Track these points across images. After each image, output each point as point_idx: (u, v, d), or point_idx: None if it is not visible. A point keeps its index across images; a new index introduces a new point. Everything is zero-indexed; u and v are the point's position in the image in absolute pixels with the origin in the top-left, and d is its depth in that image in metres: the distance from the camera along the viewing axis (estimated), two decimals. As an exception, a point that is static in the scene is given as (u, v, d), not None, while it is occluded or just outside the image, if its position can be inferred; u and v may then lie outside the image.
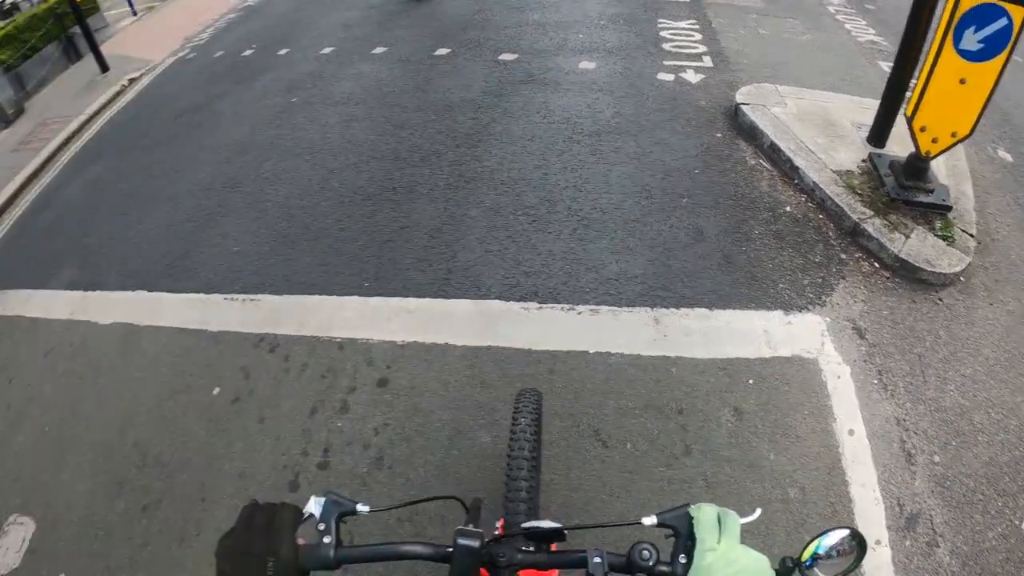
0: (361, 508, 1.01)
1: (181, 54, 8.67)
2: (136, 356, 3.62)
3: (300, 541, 0.97)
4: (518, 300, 3.03)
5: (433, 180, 3.89)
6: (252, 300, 3.48)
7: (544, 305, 2.99)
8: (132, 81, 8.36)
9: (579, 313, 2.93)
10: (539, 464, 1.68)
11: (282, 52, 6.85)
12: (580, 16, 6.04)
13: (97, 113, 7.90)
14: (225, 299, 3.58)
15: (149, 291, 4.00)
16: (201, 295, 3.70)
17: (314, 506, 1.01)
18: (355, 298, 3.22)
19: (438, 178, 3.90)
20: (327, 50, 6.40)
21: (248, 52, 7.31)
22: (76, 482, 3.19)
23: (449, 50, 5.63)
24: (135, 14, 12.65)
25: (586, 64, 5.05)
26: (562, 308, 2.96)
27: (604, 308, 2.94)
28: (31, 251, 5.58)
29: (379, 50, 5.98)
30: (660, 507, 0.96)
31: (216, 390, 3.14)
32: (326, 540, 0.97)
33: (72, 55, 11.20)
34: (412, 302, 3.10)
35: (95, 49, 9.37)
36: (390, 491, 2.42)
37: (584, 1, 6.40)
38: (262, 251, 3.80)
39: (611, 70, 4.95)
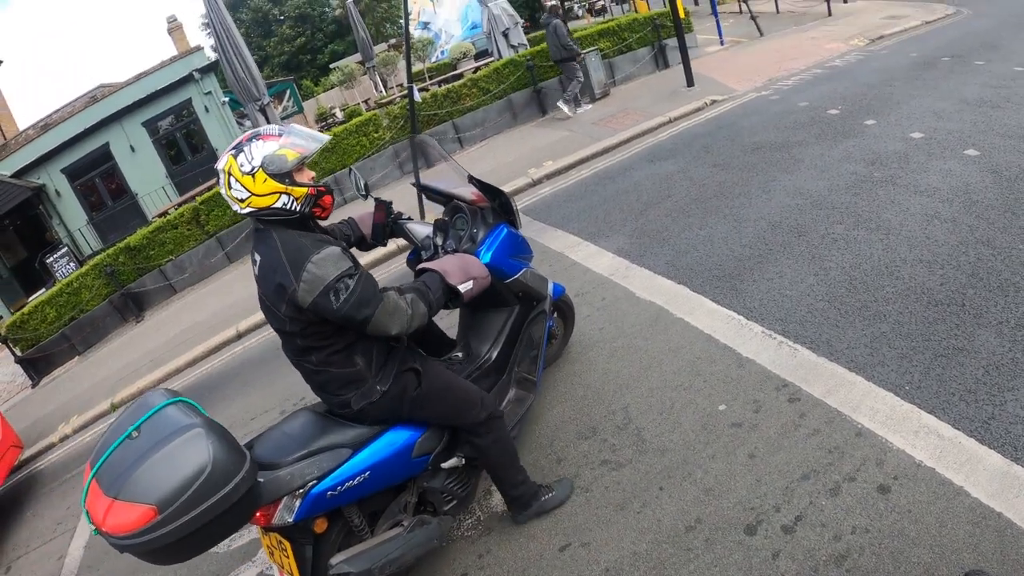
0: None
1: (764, 93, 9.29)
2: (661, 338, 4.21)
3: None
4: None
5: (1004, 315, 3.67)
6: (789, 346, 3.77)
7: None
8: (714, 102, 9.26)
9: None
10: None
11: (868, 122, 6.93)
12: None
13: (675, 120, 8.97)
14: (763, 332, 3.94)
15: (691, 290, 4.57)
16: (740, 318, 4.12)
17: None
18: (891, 394, 3.24)
19: (1008, 314, 3.66)
20: (916, 135, 6.29)
21: (833, 111, 7.55)
22: (552, 407, 3.88)
23: (1061, 178, 5.12)
24: (722, 44, 13.86)
25: None
26: None
27: None
28: (589, 210, 6.68)
29: (971, 152, 5.68)
30: None
31: (722, 407, 3.51)
32: None
33: (660, 63, 12.80)
34: (946, 428, 3.01)
35: (686, 64, 10.49)
36: None
37: None
38: (813, 306, 4.05)
39: None
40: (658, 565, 2.82)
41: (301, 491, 2.54)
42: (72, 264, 14.27)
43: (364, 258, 8.27)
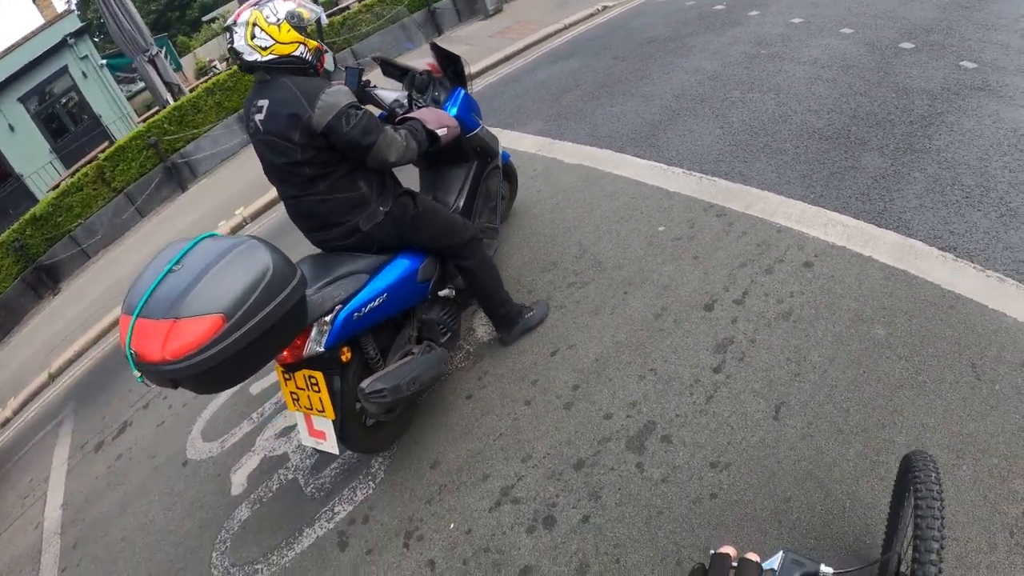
0: (824, 569, 1.00)
1: (652, -1, 9.78)
2: (595, 189, 4.60)
3: None
4: (939, 248, 3.25)
5: (883, 141, 4.26)
6: (708, 179, 4.23)
7: (959, 260, 3.18)
8: (605, 8, 9.65)
9: (987, 276, 3.03)
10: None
11: (752, 13, 7.52)
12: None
13: (570, 26, 9.32)
14: (684, 172, 4.39)
15: (614, 151, 4.98)
16: (662, 165, 4.56)
17: (776, 563, 1.01)
18: (799, 202, 3.76)
19: (887, 140, 4.26)
20: (796, 20, 6.91)
21: (718, 7, 8.11)
22: (512, 254, 4.21)
23: (913, 45, 5.82)
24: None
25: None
26: (973, 267, 3.08)
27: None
28: (502, 106, 6.98)
29: (846, 30, 6.33)
30: None
31: (661, 228, 3.94)
32: None
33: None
34: (848, 220, 3.55)
35: (574, -24, 10.76)
36: (788, 339, 2.94)
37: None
38: (723, 149, 4.54)
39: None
40: (639, 346, 3.23)
41: (329, 317, 2.73)
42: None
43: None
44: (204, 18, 28.23)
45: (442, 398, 3.52)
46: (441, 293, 3.39)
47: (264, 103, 2.73)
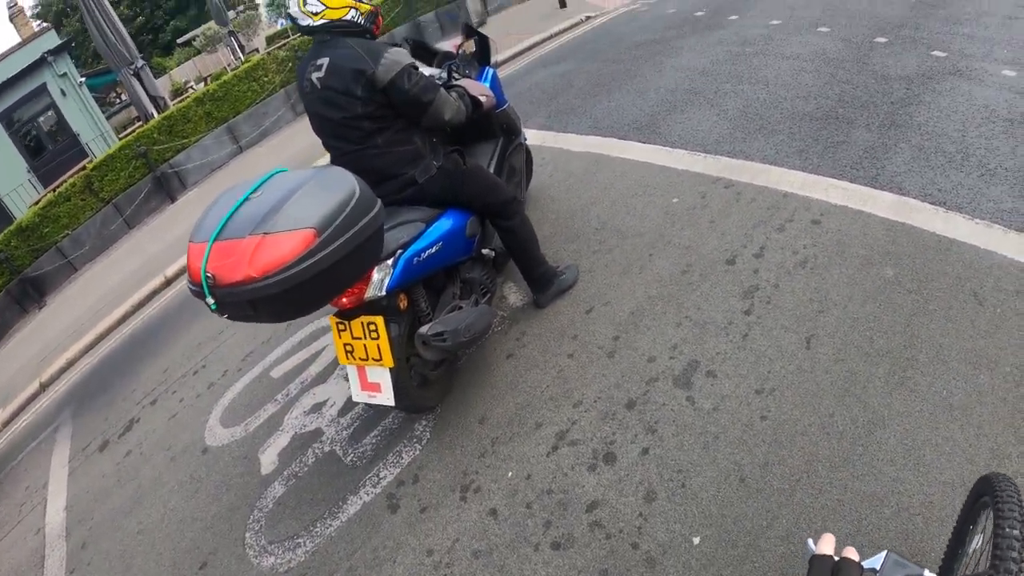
0: (928, 575, 0.95)
1: (634, 7, 10.21)
2: (605, 171, 4.89)
3: None
4: (931, 203, 3.57)
5: (868, 120, 4.63)
6: (712, 158, 4.54)
7: (950, 211, 3.50)
8: (588, 19, 10.06)
9: (976, 223, 3.33)
10: None
11: (732, 17, 7.96)
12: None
13: (557, 35, 9.70)
14: (688, 153, 4.70)
15: (618, 139, 5.29)
16: (667, 148, 4.87)
17: (878, 562, 0.98)
18: (800, 172, 4.08)
19: (872, 119, 4.63)
20: (775, 22, 7.35)
21: (699, 13, 8.55)
22: (535, 229, 4.41)
23: (887, 40, 6.25)
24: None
25: (1008, 72, 5.31)
26: (963, 217, 3.41)
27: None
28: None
29: (823, 29, 6.77)
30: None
31: (675, 199, 4.23)
32: None
33: (532, -8, 13.34)
34: (846, 184, 3.86)
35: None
36: (808, 282, 3.23)
37: None
38: (722, 132, 4.87)
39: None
40: (671, 298, 3.49)
41: (391, 261, 2.88)
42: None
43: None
44: (180, 40, 28.25)
45: (482, 359, 3.71)
46: (484, 251, 3.62)
47: (324, 61, 2.92)
